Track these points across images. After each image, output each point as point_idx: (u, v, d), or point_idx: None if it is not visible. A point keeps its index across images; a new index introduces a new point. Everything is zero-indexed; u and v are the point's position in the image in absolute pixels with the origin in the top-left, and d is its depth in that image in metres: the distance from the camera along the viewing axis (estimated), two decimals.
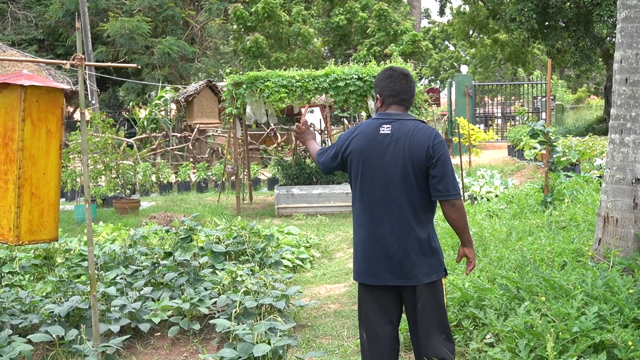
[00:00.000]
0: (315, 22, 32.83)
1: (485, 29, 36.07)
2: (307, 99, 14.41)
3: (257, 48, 29.29)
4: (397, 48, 29.16)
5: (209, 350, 6.11)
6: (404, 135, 4.19)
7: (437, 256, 4.27)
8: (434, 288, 4.24)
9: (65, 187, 16.49)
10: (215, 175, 20.27)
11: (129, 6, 35.24)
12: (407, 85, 4.40)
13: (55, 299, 6.75)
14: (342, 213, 14.47)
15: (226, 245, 8.75)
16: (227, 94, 14.50)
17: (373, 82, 13.73)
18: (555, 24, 27.28)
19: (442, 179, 4.10)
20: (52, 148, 5.39)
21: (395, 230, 4.21)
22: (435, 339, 4.24)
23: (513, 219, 9.53)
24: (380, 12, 30.20)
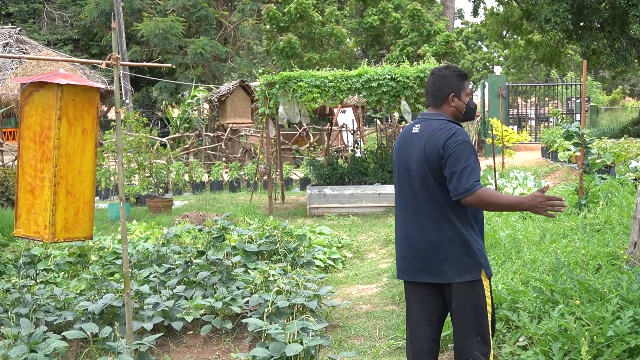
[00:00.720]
0: (348, 22, 32.80)
1: (519, 29, 35.75)
2: (339, 99, 14.40)
3: (290, 48, 29.32)
4: (430, 48, 29.04)
5: (241, 350, 6.12)
6: (425, 134, 4.22)
7: (473, 256, 4.19)
8: (470, 288, 4.19)
9: (100, 185, 16.62)
10: (247, 175, 20.32)
11: (163, 6, 35.46)
12: (432, 83, 4.38)
13: (89, 297, 6.80)
14: (374, 213, 14.44)
15: (258, 244, 8.76)
16: (260, 93, 14.53)
17: (406, 82, 13.83)
18: (591, 24, 26.97)
19: (451, 179, 4.06)
20: (87, 146, 5.43)
21: (424, 229, 4.24)
22: (470, 340, 4.21)
23: (547, 221, 9.44)
24: (414, 12, 30.10)
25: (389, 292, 7.88)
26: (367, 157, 16.81)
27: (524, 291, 5.76)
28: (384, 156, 16.45)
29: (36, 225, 5.35)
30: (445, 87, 4.32)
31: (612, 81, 53.89)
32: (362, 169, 16.10)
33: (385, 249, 10.51)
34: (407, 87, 13.94)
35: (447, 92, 4.31)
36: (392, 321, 6.82)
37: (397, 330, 6.35)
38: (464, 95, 4.33)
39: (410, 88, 13.93)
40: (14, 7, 37.83)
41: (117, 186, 8.21)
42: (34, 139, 5.30)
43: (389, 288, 8.10)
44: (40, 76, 5.33)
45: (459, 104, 4.32)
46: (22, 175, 5.39)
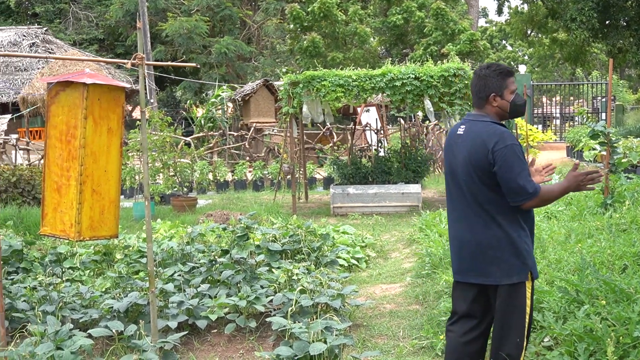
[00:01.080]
0: (372, 21, 32.77)
1: (544, 28, 35.54)
2: (363, 99, 14.39)
3: (314, 47, 29.34)
4: (454, 47, 28.94)
5: (264, 348, 6.14)
6: (470, 136, 4.21)
7: (521, 257, 4.17)
8: (515, 290, 4.19)
9: (125, 184, 16.72)
10: (271, 174, 20.35)
11: (187, 6, 35.62)
12: (474, 83, 4.36)
13: (115, 295, 6.86)
14: (398, 213, 14.41)
15: (282, 243, 8.78)
16: (284, 93, 14.56)
17: (429, 81, 13.80)
18: (617, 23, 26.76)
19: (509, 185, 4.05)
20: (113, 146, 5.47)
21: (472, 230, 4.26)
22: (510, 340, 4.22)
23: (572, 221, 9.38)
24: (438, 11, 30.00)
25: (413, 292, 7.86)
26: (390, 156, 16.78)
27: (549, 291, 5.73)
28: (407, 155, 16.41)
29: (62, 224, 5.39)
30: (485, 88, 4.28)
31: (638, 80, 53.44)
32: (385, 168, 16.07)
33: (408, 249, 10.48)
34: (431, 86, 13.90)
35: (487, 92, 4.27)
36: (415, 321, 6.81)
37: (421, 330, 6.34)
38: (507, 93, 4.25)
39: (434, 87, 13.89)
40: (40, 7, 38.18)
41: (142, 185, 8.26)
42: (60, 138, 5.34)
43: (412, 287, 8.08)
44: (66, 76, 5.37)
45: (502, 103, 4.26)
46: (48, 174, 5.44)
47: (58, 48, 30.56)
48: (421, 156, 16.65)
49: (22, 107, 25.90)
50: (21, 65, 29.54)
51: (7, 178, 13.55)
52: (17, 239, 9.35)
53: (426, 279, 8.18)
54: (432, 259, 8.50)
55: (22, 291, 7.01)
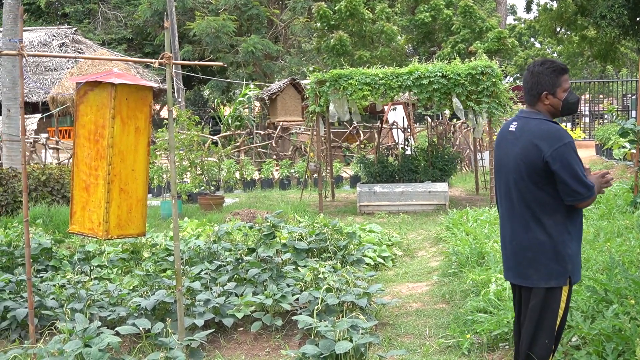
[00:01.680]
0: (399, 19, 32.66)
1: (573, 25, 35.22)
2: (390, 97, 14.36)
3: (341, 46, 29.30)
4: (482, 45, 28.79)
5: (290, 347, 6.15)
6: (524, 134, 4.17)
7: (562, 263, 4.14)
8: (551, 294, 4.18)
9: (152, 183, 16.83)
10: (297, 173, 20.38)
11: (215, 5, 35.74)
12: (526, 80, 4.30)
13: (142, 293, 6.91)
14: (425, 211, 14.38)
15: (308, 242, 8.79)
16: (311, 91, 14.57)
17: (457, 79, 13.75)
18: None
19: (569, 185, 4.02)
20: (140, 145, 5.51)
21: (515, 230, 4.25)
22: (539, 342, 4.22)
23: (601, 219, 9.31)
24: (466, 8, 29.85)
25: (440, 291, 7.84)
26: (417, 154, 16.74)
27: (577, 290, 5.70)
28: (434, 154, 16.37)
29: (90, 222, 5.45)
30: (537, 86, 4.21)
31: None
32: (412, 166, 16.04)
33: (435, 247, 10.46)
34: (459, 85, 13.84)
35: (539, 90, 4.21)
36: (442, 320, 6.79)
37: (447, 329, 6.32)
38: (559, 91, 4.19)
39: (461, 85, 13.84)
40: (70, 7, 38.52)
41: (169, 184, 8.32)
42: (89, 137, 5.39)
43: (439, 286, 8.06)
44: (94, 75, 5.42)
45: (554, 101, 4.20)
46: (77, 172, 5.50)
47: (87, 48, 30.84)
48: (448, 155, 16.60)
49: (51, 106, 26.16)
50: (51, 65, 29.85)
51: (37, 177, 13.69)
52: (46, 237, 9.45)
53: (453, 278, 8.16)
54: (459, 257, 8.47)
55: (51, 289, 7.09)
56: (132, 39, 38.94)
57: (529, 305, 4.29)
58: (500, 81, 14.14)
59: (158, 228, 12.48)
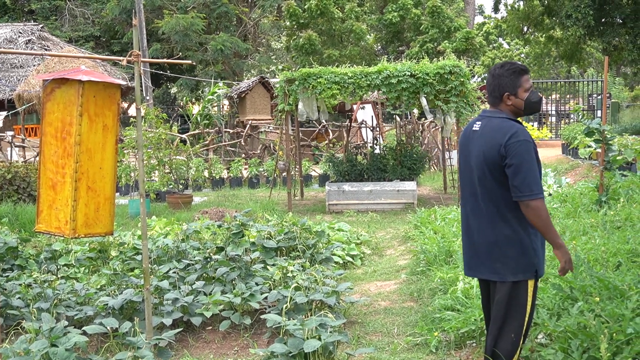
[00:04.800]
0: (368, 18, 32.76)
1: (540, 25, 35.54)
2: (359, 96, 14.41)
3: (310, 45, 29.36)
4: (450, 45, 28.97)
5: (259, 345, 6.15)
6: (486, 132, 4.24)
7: (528, 256, 4.20)
8: (517, 287, 4.23)
9: (120, 181, 16.73)
10: (266, 171, 20.37)
11: (183, 3, 35.56)
12: (489, 82, 4.37)
13: (110, 292, 6.87)
14: (393, 210, 14.44)
15: (277, 240, 8.79)
16: (280, 90, 14.57)
17: (425, 79, 13.81)
18: (612, 20, 26.78)
19: (514, 179, 4.06)
20: (108, 143, 5.47)
21: (481, 225, 4.30)
22: (506, 337, 4.25)
23: (567, 218, 9.41)
24: (434, 8, 30.02)
25: (408, 289, 7.88)
26: (386, 153, 16.80)
27: (543, 288, 5.75)
28: (403, 153, 16.43)
29: (57, 221, 5.40)
30: (499, 87, 4.29)
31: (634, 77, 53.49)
32: (381, 165, 16.09)
33: (404, 246, 10.51)
34: (427, 84, 13.91)
35: (501, 91, 4.29)
36: (410, 318, 6.83)
37: (415, 327, 6.35)
38: (521, 91, 4.26)
39: (429, 85, 13.91)
40: (37, 4, 38.09)
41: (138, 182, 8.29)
42: (56, 135, 5.34)
43: (407, 285, 8.10)
44: (62, 73, 5.37)
45: (516, 101, 4.27)
46: (43, 171, 5.45)
47: (54, 45, 30.50)
48: (416, 153, 16.67)
49: (17, 104, 25.84)
50: (17, 62, 29.46)
51: (2, 175, 13.55)
52: (12, 236, 9.36)
53: (421, 276, 8.21)
54: (427, 256, 8.52)
55: (17, 288, 7.02)
56: (100, 36, 38.62)
57: (492, 301, 4.36)
58: (468, 81, 14.24)
59: (126, 227, 12.41)
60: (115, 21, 35.99)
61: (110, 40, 38.28)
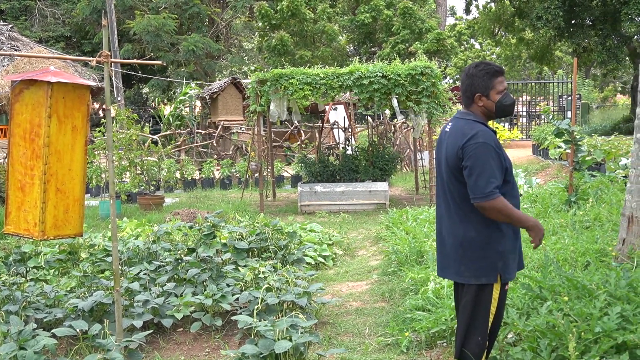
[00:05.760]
0: (340, 19, 32.80)
1: (511, 27, 35.84)
2: (331, 97, 14.41)
3: (282, 46, 29.34)
4: (422, 46, 29.07)
5: (230, 346, 6.14)
6: (451, 134, 4.24)
7: (491, 260, 4.17)
8: (482, 291, 4.22)
9: (90, 183, 16.60)
10: (239, 172, 20.33)
11: (155, 3, 35.35)
12: (462, 82, 4.34)
13: (80, 294, 6.82)
14: (365, 211, 14.46)
15: (249, 242, 8.78)
16: (252, 91, 14.54)
17: (397, 80, 13.85)
18: (582, 22, 27.09)
19: (468, 181, 4.07)
20: (77, 144, 5.44)
21: (448, 227, 4.31)
22: (473, 339, 4.26)
23: (537, 218, 9.48)
24: (405, 10, 30.10)
25: (379, 289, 7.90)
26: (358, 154, 16.83)
27: (512, 288, 5.80)
28: (375, 153, 16.47)
29: (26, 223, 5.36)
30: (471, 87, 4.26)
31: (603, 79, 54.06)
32: (353, 166, 16.12)
33: (375, 246, 10.53)
34: (398, 85, 13.95)
35: (473, 92, 4.25)
36: (381, 318, 6.85)
37: (386, 327, 6.37)
38: (493, 93, 4.22)
39: (401, 85, 13.95)
40: (6, 4, 37.69)
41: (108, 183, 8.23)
42: (24, 136, 5.30)
43: (379, 285, 8.12)
44: (30, 74, 5.33)
45: (488, 103, 4.24)
46: (12, 172, 5.40)
47: (24, 45, 30.11)
48: (389, 154, 16.72)
49: None
50: None
51: None
52: None
53: (392, 277, 8.23)
54: (399, 256, 8.55)
55: None
56: (71, 36, 38.28)
57: (458, 304, 4.37)
58: (439, 82, 14.30)
59: (97, 228, 12.32)
60: (86, 21, 35.69)
61: (81, 41, 37.98)
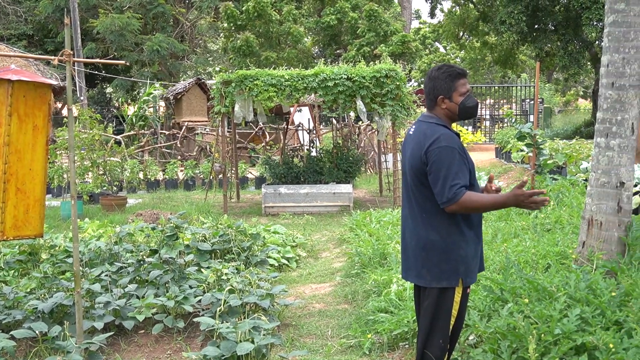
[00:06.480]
0: (306, 21, 32.82)
1: (475, 31, 36.15)
2: (296, 98, 14.41)
3: (247, 47, 29.29)
4: (387, 49, 29.18)
5: (192, 348, 6.11)
6: (414, 137, 4.23)
7: (452, 263, 4.16)
8: (444, 294, 4.21)
9: (52, 183, 16.44)
10: (202, 173, 20.25)
11: (119, 3, 35.10)
12: (425, 84, 4.33)
13: (40, 295, 6.73)
14: (329, 213, 14.48)
15: (212, 243, 8.74)
16: (216, 92, 14.48)
17: (361, 82, 13.89)
18: (545, 27, 27.41)
19: (435, 186, 4.05)
20: (38, 143, 5.38)
21: (411, 229, 4.30)
22: (434, 342, 4.26)
23: (499, 220, 9.57)
24: (371, 12, 30.20)
25: (342, 291, 7.91)
26: (322, 156, 16.85)
27: (474, 290, 5.84)
28: (339, 155, 16.50)
29: None
30: (434, 90, 4.24)
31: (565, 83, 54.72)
32: (317, 168, 16.14)
33: (339, 248, 10.55)
34: (363, 87, 13.99)
35: (436, 94, 4.23)
36: (344, 320, 6.85)
37: (349, 329, 6.38)
38: (455, 95, 4.20)
39: (366, 88, 13.99)
40: None
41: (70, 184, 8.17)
42: None
43: (342, 287, 8.13)
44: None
45: (451, 105, 4.22)
46: None
47: None
48: (353, 156, 16.76)
49: None
50: None
51: None
52: None
53: (355, 279, 8.25)
54: (362, 258, 8.57)
55: None
56: (33, 35, 37.85)
57: (420, 307, 4.38)
58: (404, 84, 14.36)
59: (58, 229, 12.19)
60: (49, 19, 35.32)
61: (43, 39, 37.57)
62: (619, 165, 6.26)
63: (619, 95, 6.24)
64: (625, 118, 6.24)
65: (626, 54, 6.22)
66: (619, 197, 6.28)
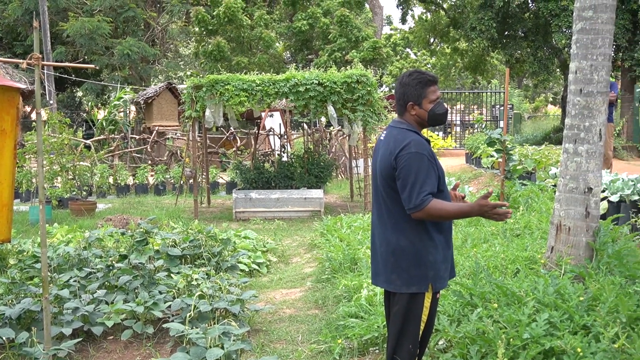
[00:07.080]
0: (277, 26, 32.82)
1: (446, 37, 36.37)
2: (267, 103, 14.39)
3: (219, 51, 29.23)
4: (358, 54, 29.27)
5: (162, 354, 6.07)
6: (385, 143, 4.23)
7: (422, 269, 4.16)
8: (412, 299, 4.21)
9: (21, 187, 16.28)
10: (173, 178, 20.17)
11: (89, 6, 34.87)
12: (396, 90, 4.33)
13: (7, 301, 6.66)
14: (300, 218, 14.48)
15: (182, 248, 8.70)
16: (187, 96, 14.43)
17: (333, 87, 13.91)
18: (515, 33, 27.66)
19: (402, 193, 4.06)
20: (6, 148, 5.32)
21: (380, 234, 4.30)
22: (404, 347, 4.26)
23: (468, 226, 9.61)
24: (342, 18, 30.28)
25: (313, 297, 7.91)
26: (293, 161, 16.85)
27: (444, 295, 5.86)
28: (310, 161, 16.51)
29: None
30: (404, 96, 4.25)
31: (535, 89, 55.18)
32: (288, 173, 16.13)
33: (310, 254, 10.54)
34: (334, 92, 14.02)
35: (406, 100, 4.24)
36: (315, 325, 6.85)
37: (319, 334, 6.38)
38: (425, 102, 4.21)
39: (337, 93, 14.02)
40: None
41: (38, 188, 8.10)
42: None
43: (312, 292, 8.13)
44: None
45: (420, 112, 4.23)
46: None
47: None
48: (324, 162, 16.77)
49: None
50: None
51: None
52: None
53: (326, 284, 8.25)
54: (332, 263, 8.58)
55: None
56: (2, 38, 37.49)
57: (390, 311, 4.39)
58: (375, 90, 14.41)
59: (26, 234, 12.08)
60: (18, 22, 34.99)
61: (12, 42, 37.22)
62: (587, 171, 6.32)
63: (587, 101, 6.30)
64: (593, 124, 6.31)
65: (594, 60, 6.29)
66: (587, 202, 6.34)
